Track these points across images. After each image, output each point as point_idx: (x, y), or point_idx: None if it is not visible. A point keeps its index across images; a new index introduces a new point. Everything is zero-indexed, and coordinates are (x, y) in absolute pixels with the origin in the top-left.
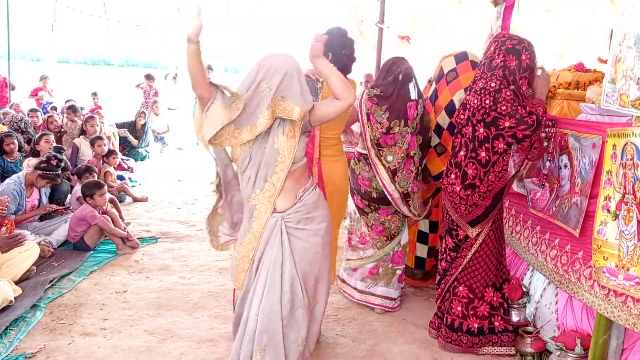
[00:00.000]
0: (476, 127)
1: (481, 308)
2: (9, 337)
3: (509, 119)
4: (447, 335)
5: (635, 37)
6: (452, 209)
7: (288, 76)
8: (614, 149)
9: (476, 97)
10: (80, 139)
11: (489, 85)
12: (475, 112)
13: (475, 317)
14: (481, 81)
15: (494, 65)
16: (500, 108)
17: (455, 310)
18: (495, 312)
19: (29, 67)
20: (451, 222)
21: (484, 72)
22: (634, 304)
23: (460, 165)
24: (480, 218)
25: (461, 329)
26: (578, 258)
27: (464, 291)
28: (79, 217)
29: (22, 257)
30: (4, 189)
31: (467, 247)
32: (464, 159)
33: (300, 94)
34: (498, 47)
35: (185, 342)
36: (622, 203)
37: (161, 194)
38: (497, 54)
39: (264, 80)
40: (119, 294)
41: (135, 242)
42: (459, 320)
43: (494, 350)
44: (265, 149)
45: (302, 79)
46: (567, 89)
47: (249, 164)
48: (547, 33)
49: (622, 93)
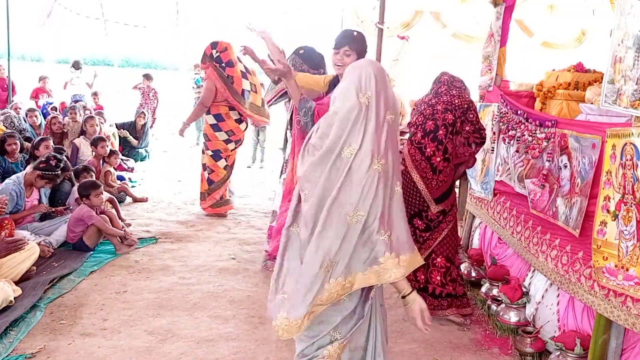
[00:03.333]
0: (456, 120)
1: (454, 273)
2: (9, 338)
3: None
4: (431, 303)
5: (634, 37)
6: (424, 184)
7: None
8: (613, 149)
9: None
10: (80, 139)
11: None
12: (457, 108)
13: (451, 282)
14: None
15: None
16: (469, 115)
17: (435, 279)
18: (459, 277)
19: (28, 68)
20: (420, 205)
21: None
22: (634, 304)
23: (442, 142)
24: (445, 194)
25: (441, 295)
26: (578, 258)
27: (442, 261)
28: (77, 217)
29: (22, 258)
30: (3, 189)
31: (439, 225)
32: (444, 137)
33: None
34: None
35: (185, 343)
36: (622, 203)
37: (161, 195)
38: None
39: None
40: (118, 294)
41: (132, 240)
42: (440, 289)
43: (461, 311)
44: None
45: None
46: (567, 89)
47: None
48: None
49: (621, 93)
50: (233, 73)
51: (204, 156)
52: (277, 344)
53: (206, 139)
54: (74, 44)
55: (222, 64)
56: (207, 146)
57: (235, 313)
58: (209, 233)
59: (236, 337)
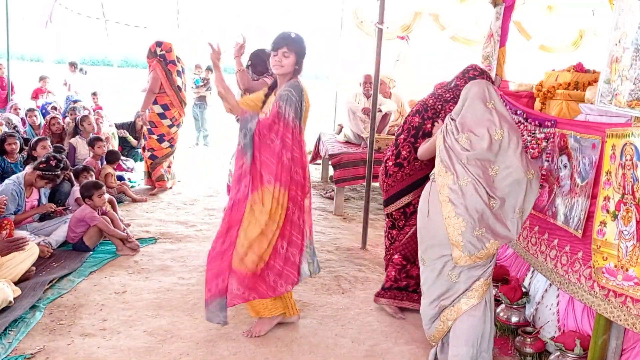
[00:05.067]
0: (425, 121)
1: (413, 270)
2: (8, 338)
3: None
4: (379, 293)
5: (632, 37)
6: (380, 184)
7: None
8: (613, 150)
9: (433, 99)
10: (77, 139)
11: (445, 95)
12: (429, 109)
13: (407, 277)
14: (441, 89)
15: (454, 84)
16: (441, 115)
17: (390, 274)
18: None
19: (28, 68)
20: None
21: (449, 84)
22: (633, 304)
23: (397, 145)
24: (391, 200)
25: (390, 288)
26: (578, 258)
27: (398, 259)
28: (78, 218)
29: (22, 258)
30: (3, 190)
31: (402, 227)
32: (403, 141)
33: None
34: (463, 73)
35: (185, 343)
36: (621, 203)
37: (160, 195)
38: (460, 78)
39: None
40: (118, 295)
41: (135, 244)
42: (390, 283)
43: (413, 305)
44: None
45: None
46: (567, 89)
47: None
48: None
49: (617, 93)
50: (173, 70)
51: (150, 141)
52: (276, 345)
53: (152, 125)
54: (74, 44)
55: (166, 61)
56: (152, 131)
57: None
58: (209, 233)
59: (235, 338)
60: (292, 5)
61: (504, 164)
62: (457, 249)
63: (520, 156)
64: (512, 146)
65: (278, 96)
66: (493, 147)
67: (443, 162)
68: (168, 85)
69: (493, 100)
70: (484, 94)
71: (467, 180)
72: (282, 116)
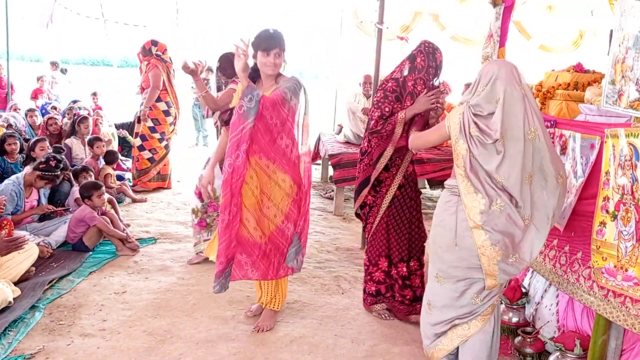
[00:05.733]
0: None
1: (376, 274)
2: (7, 338)
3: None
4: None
5: (634, 37)
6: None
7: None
8: (612, 150)
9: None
10: (72, 139)
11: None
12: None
13: (371, 281)
14: (392, 73)
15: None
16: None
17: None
18: (392, 280)
19: (28, 68)
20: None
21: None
22: (633, 305)
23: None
24: (355, 195)
25: (364, 291)
26: (577, 259)
27: (365, 260)
28: (78, 218)
29: (21, 258)
30: (2, 190)
31: (364, 228)
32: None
33: None
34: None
35: (185, 343)
36: (621, 204)
37: (160, 195)
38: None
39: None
40: (118, 295)
41: (135, 244)
42: (364, 284)
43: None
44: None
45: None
46: (566, 89)
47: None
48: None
49: (621, 94)
50: (170, 68)
51: (152, 140)
52: (276, 345)
53: (156, 123)
54: (74, 44)
55: (163, 60)
56: (155, 130)
57: (234, 313)
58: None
59: (235, 338)
60: (292, 5)
61: (536, 176)
62: (491, 278)
63: (551, 159)
64: (543, 148)
65: (284, 87)
66: (526, 164)
67: (471, 181)
68: (169, 82)
69: (522, 83)
70: (513, 75)
71: (501, 205)
72: (287, 102)
